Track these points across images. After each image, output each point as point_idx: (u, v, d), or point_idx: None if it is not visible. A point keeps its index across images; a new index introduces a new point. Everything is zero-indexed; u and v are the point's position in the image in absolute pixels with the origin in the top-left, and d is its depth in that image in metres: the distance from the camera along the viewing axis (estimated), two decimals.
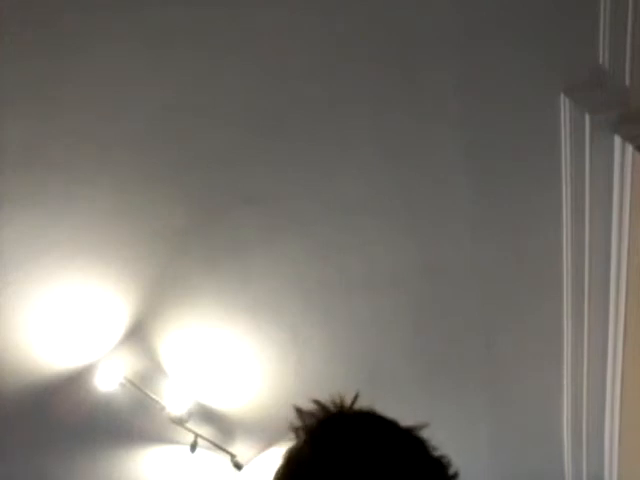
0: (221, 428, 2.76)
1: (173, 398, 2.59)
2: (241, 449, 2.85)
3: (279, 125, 1.86)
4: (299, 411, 0.74)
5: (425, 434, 0.76)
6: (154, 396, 2.56)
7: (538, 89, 1.76)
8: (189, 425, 2.64)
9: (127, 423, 2.68)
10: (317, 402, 0.74)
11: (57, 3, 1.55)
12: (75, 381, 2.48)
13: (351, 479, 0.66)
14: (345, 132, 1.88)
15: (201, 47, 1.67)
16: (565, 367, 2.46)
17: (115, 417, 2.63)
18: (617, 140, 1.75)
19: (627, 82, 1.68)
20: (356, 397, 0.75)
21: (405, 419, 0.78)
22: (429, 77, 1.75)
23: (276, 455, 0.74)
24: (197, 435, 2.67)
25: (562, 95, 1.74)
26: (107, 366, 2.46)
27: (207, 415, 2.71)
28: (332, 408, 0.74)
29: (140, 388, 2.52)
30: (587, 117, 1.75)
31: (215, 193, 2.03)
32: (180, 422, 2.60)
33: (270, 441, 2.79)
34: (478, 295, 2.30)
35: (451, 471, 0.72)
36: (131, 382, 2.50)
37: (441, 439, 0.75)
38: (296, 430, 0.73)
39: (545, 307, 2.30)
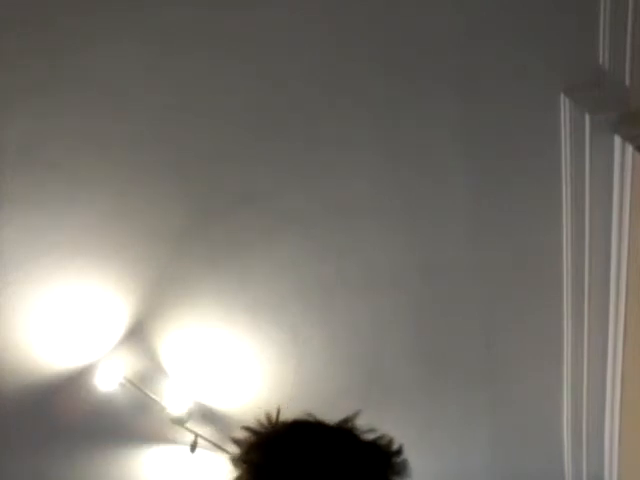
0: (221, 428, 2.76)
1: (173, 398, 2.59)
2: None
3: (279, 125, 1.86)
4: (236, 441, 0.77)
5: (426, 434, 0.79)
6: (154, 396, 2.56)
7: (538, 89, 1.76)
8: (189, 425, 2.64)
9: (127, 423, 2.68)
10: (247, 428, 0.77)
11: (57, 3, 1.55)
12: (75, 381, 2.48)
13: None
14: (345, 132, 1.88)
15: (201, 47, 1.67)
16: (565, 367, 2.46)
17: (115, 417, 2.63)
18: (617, 140, 1.75)
19: (627, 82, 1.68)
20: (278, 412, 0.78)
21: (405, 419, 0.79)
22: (429, 77, 1.75)
23: None
24: (197, 435, 2.67)
25: (562, 95, 1.74)
26: (107, 366, 2.46)
27: (207, 415, 2.71)
28: (260, 429, 0.77)
29: (140, 388, 2.52)
30: (587, 117, 1.75)
31: (215, 193, 2.03)
32: (180, 422, 2.60)
33: None
34: (478, 295, 2.30)
35: (393, 447, 0.76)
36: (131, 382, 2.50)
37: (441, 439, 0.76)
38: (234, 461, 0.75)
39: (545, 307, 2.30)
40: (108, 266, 2.18)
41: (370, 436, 0.78)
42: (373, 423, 0.80)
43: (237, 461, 0.75)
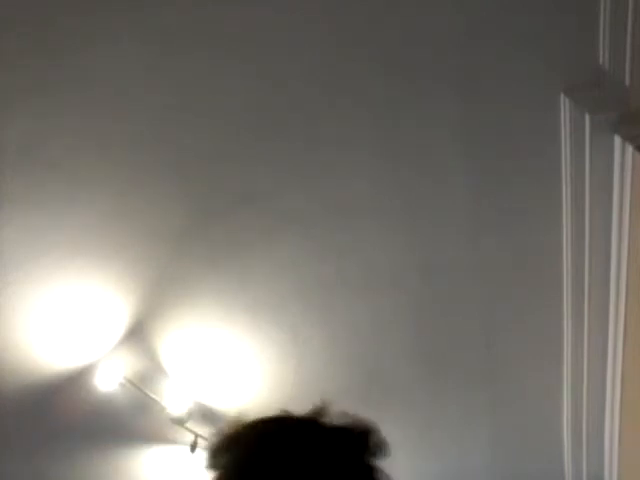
0: (221, 428, 2.75)
1: (173, 398, 2.59)
2: None
3: (279, 125, 1.86)
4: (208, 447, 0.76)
5: (426, 434, 0.77)
6: (154, 396, 2.56)
7: (538, 89, 1.76)
8: (189, 425, 2.64)
9: (127, 423, 2.68)
10: (217, 433, 0.76)
11: (57, 3, 1.55)
12: (75, 381, 2.48)
13: None
14: (345, 132, 1.88)
15: (201, 47, 1.67)
16: (565, 367, 2.46)
17: (115, 417, 2.63)
18: (617, 140, 1.75)
19: (627, 82, 1.68)
20: (238, 417, 0.77)
21: (405, 419, 0.78)
22: (429, 77, 1.75)
23: None
24: (197, 435, 2.67)
25: (562, 95, 1.74)
26: (107, 366, 2.46)
27: (207, 415, 2.71)
28: (226, 431, 0.76)
29: (140, 388, 2.53)
30: (587, 117, 1.74)
31: (215, 193, 2.03)
32: (180, 422, 2.60)
33: None
34: (478, 295, 2.30)
35: (367, 429, 0.74)
36: (131, 382, 2.50)
37: (441, 439, 0.76)
38: (206, 468, 0.74)
39: (545, 307, 2.30)
40: (108, 266, 2.18)
41: (342, 421, 0.76)
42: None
43: (207, 467, 0.74)
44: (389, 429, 0.82)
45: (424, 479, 2.94)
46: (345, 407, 0.85)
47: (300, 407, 0.83)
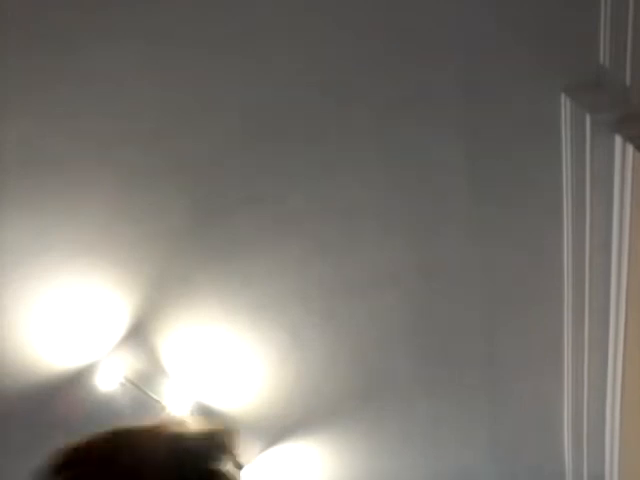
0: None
1: (174, 398, 2.59)
2: (241, 449, 2.85)
3: (279, 126, 1.86)
4: None
5: (426, 434, 0.76)
6: (155, 396, 2.56)
7: (538, 89, 1.76)
8: None
9: (128, 423, 2.68)
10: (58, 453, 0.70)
11: (57, 3, 1.55)
12: (75, 381, 2.48)
13: None
14: (345, 133, 1.88)
15: (201, 47, 1.67)
16: (566, 367, 2.46)
17: (115, 417, 2.63)
18: (618, 140, 1.75)
19: (627, 82, 1.68)
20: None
21: (405, 419, 0.78)
22: (429, 78, 1.75)
23: (276, 455, 0.73)
24: None
25: (562, 95, 1.74)
26: (108, 366, 2.46)
27: (207, 415, 2.71)
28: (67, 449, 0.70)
29: (141, 388, 2.53)
30: (587, 117, 1.74)
31: (215, 194, 2.03)
32: None
33: (270, 441, 2.79)
34: (478, 296, 2.30)
35: (215, 443, 0.70)
36: (131, 382, 2.50)
37: (442, 439, 0.75)
38: None
39: (546, 307, 2.30)
40: (109, 265, 2.18)
41: (189, 428, 0.70)
42: (374, 423, 0.80)
43: None
44: (390, 429, 0.82)
45: (425, 478, 2.94)
46: (346, 407, 0.85)
47: (301, 407, 0.83)
